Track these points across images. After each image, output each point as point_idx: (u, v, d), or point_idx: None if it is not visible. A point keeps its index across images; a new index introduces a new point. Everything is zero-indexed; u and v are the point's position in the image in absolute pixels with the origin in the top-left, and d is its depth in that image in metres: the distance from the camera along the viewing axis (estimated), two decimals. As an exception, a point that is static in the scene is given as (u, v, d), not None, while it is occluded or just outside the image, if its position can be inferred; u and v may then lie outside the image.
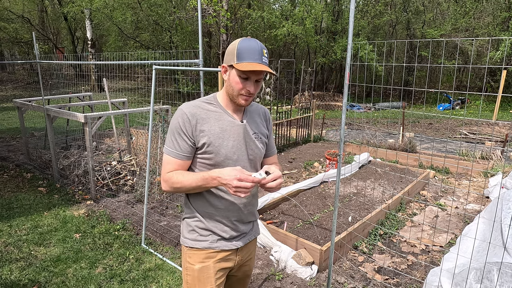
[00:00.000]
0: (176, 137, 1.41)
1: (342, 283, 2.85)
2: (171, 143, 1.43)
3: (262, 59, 1.34)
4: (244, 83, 1.37)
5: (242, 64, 1.32)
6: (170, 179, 1.40)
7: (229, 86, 1.40)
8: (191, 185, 1.36)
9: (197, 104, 1.45)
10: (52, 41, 21.93)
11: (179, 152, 1.42)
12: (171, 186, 1.41)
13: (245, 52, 1.33)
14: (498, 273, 2.13)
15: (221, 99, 1.48)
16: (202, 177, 1.34)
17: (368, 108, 12.99)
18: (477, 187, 5.04)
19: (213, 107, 1.46)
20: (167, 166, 1.44)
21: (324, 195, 4.51)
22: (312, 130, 8.05)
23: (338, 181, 2.35)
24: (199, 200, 1.51)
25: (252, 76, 1.36)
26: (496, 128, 9.60)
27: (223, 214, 1.50)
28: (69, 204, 4.32)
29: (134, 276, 2.91)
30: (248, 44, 1.34)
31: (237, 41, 1.36)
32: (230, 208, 1.50)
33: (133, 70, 13.91)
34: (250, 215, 1.60)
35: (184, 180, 1.37)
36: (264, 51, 1.35)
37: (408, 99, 15.73)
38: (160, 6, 15.96)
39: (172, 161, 1.43)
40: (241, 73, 1.35)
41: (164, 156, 1.45)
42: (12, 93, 16.49)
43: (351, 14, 1.96)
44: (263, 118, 1.62)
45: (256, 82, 1.39)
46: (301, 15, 15.57)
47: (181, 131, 1.39)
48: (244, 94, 1.39)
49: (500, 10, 15.23)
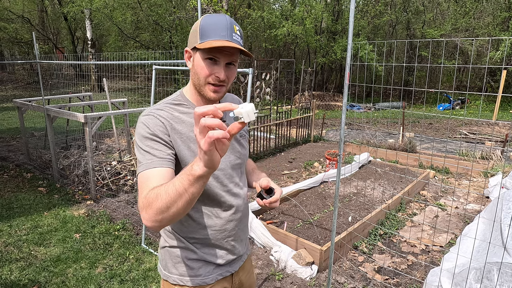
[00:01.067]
0: (150, 144, 1.04)
1: (342, 283, 2.85)
2: (144, 155, 1.02)
3: (232, 36, 1.05)
4: (211, 67, 1.07)
5: (206, 42, 1.03)
6: (147, 200, 0.90)
7: (195, 74, 1.11)
8: (169, 191, 0.86)
9: (164, 107, 1.13)
10: (52, 41, 21.93)
11: (159, 157, 1.02)
12: (151, 210, 0.88)
13: (210, 29, 1.04)
14: (498, 273, 2.13)
15: (190, 95, 1.18)
16: (183, 172, 0.86)
17: (368, 108, 12.98)
18: (477, 187, 5.04)
19: (185, 108, 1.15)
20: (146, 186, 0.96)
21: (324, 195, 4.51)
22: (312, 130, 8.05)
23: (338, 181, 2.35)
24: (185, 224, 1.19)
25: (221, 58, 1.06)
26: (496, 128, 9.60)
27: (220, 235, 1.22)
28: (69, 204, 4.32)
29: (134, 276, 2.91)
30: (214, 20, 1.05)
31: (201, 18, 1.09)
32: (227, 226, 1.23)
33: (133, 70, 13.91)
34: (246, 229, 1.36)
35: (164, 191, 0.87)
36: (235, 27, 1.07)
37: (408, 99, 15.73)
38: (160, 6, 15.96)
39: (152, 174, 0.99)
40: (206, 54, 1.05)
41: (139, 178, 1.00)
42: (12, 93, 16.49)
43: (351, 14, 1.96)
44: None
45: (228, 67, 1.09)
46: (301, 15, 15.58)
47: (154, 135, 1.05)
48: (212, 82, 1.08)
49: (500, 10, 15.23)
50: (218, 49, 1.04)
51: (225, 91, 1.13)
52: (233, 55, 1.07)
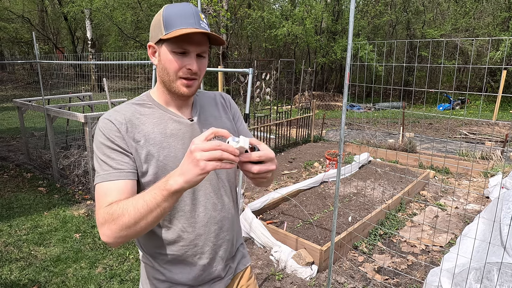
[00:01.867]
0: (107, 153, 0.94)
1: (342, 283, 2.85)
2: (102, 166, 0.94)
3: (200, 24, 0.96)
4: (181, 60, 0.97)
5: (173, 31, 0.94)
6: (110, 215, 0.85)
7: (162, 70, 1.00)
8: (138, 205, 0.81)
9: (123, 108, 1.02)
10: (52, 41, 21.94)
11: (116, 168, 0.93)
12: (115, 225, 0.83)
13: (176, 18, 0.95)
14: (498, 273, 2.13)
15: (157, 96, 1.07)
16: (156, 187, 0.82)
17: (368, 108, 12.98)
18: (477, 187, 5.04)
19: (148, 109, 1.04)
20: (104, 200, 0.90)
21: (324, 195, 4.51)
22: (312, 130, 8.05)
23: (338, 181, 2.35)
24: (148, 238, 1.06)
25: (190, 49, 0.97)
26: (496, 128, 9.60)
27: (189, 251, 1.06)
28: (69, 204, 4.32)
29: (134, 276, 2.91)
30: (178, 8, 0.97)
31: (162, 9, 1.00)
32: (198, 241, 1.06)
33: (133, 70, 13.89)
34: (229, 246, 1.15)
35: (133, 207, 0.82)
36: (201, 15, 0.98)
37: (408, 99, 15.73)
38: (160, 6, 15.96)
39: (109, 187, 0.91)
40: (174, 46, 0.96)
41: (97, 190, 0.94)
42: (12, 93, 16.49)
43: (351, 14, 1.96)
44: (222, 106, 1.19)
45: (199, 58, 1.00)
46: (301, 15, 15.58)
47: (111, 143, 0.95)
48: (184, 76, 0.98)
49: (500, 10, 15.24)
50: (187, 39, 0.95)
51: (197, 86, 1.03)
52: (203, 45, 0.99)
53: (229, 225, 1.15)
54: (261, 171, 0.83)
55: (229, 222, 1.14)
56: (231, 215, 1.15)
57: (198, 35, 0.96)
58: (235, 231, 1.20)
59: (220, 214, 1.10)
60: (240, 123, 1.22)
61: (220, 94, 1.23)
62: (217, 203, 1.10)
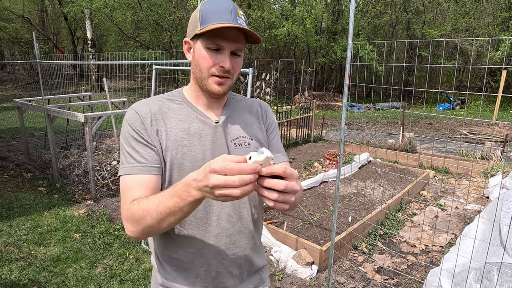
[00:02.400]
0: (133, 145, 0.94)
1: (342, 283, 2.85)
2: (127, 158, 0.94)
3: (237, 20, 0.92)
4: (214, 56, 0.94)
5: (207, 26, 0.90)
6: (132, 214, 0.86)
7: (196, 66, 0.98)
8: (160, 210, 0.81)
9: (152, 101, 1.02)
10: (52, 41, 21.94)
11: (142, 163, 0.93)
12: (135, 222, 0.86)
13: (212, 13, 0.91)
14: (498, 273, 2.13)
15: (188, 93, 1.05)
16: (172, 190, 0.80)
17: (368, 108, 12.98)
18: (477, 187, 5.04)
19: (176, 105, 1.03)
20: (127, 195, 0.91)
21: (324, 195, 4.51)
22: (312, 130, 8.05)
23: (338, 181, 2.35)
24: (161, 238, 1.04)
25: (224, 45, 0.93)
26: (496, 128, 9.59)
27: (196, 261, 1.02)
28: (69, 204, 4.32)
29: (134, 276, 2.91)
30: (215, 3, 0.93)
31: (200, 5, 0.97)
32: (205, 250, 1.01)
33: (133, 70, 13.89)
34: (240, 262, 1.07)
35: (148, 204, 0.83)
36: (239, 11, 0.94)
37: (408, 99, 15.73)
38: (160, 6, 15.97)
39: (133, 182, 0.92)
40: (208, 41, 0.93)
41: (121, 182, 0.94)
42: (12, 93, 16.49)
43: (351, 14, 1.96)
44: (258, 115, 1.13)
45: (234, 56, 0.96)
46: (301, 15, 15.57)
47: (136, 134, 0.95)
48: (216, 73, 0.95)
49: (500, 10, 15.24)
50: (221, 35, 0.91)
51: (230, 85, 0.99)
52: (238, 42, 0.94)
53: (245, 242, 1.06)
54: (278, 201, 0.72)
55: (245, 238, 1.06)
56: (248, 231, 1.06)
57: (233, 31, 0.92)
58: (253, 250, 1.10)
59: (234, 227, 1.03)
60: (273, 136, 1.15)
61: (258, 102, 1.18)
62: (233, 214, 1.03)
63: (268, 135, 1.13)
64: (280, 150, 1.14)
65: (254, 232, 1.09)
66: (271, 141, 1.13)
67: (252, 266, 1.11)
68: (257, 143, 1.07)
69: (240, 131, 1.05)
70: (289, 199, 0.72)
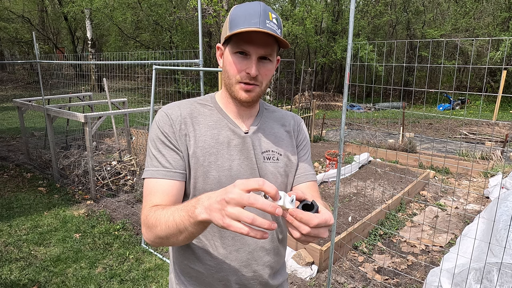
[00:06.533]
0: (159, 147, 0.93)
1: (342, 283, 2.85)
2: (152, 160, 0.93)
3: (265, 24, 0.86)
4: (241, 62, 0.90)
5: (233, 31, 0.87)
6: (147, 220, 0.86)
7: (224, 72, 0.95)
8: (169, 223, 0.78)
9: (183, 104, 1.00)
10: (52, 41, 21.95)
11: (166, 167, 0.92)
12: (148, 229, 0.85)
13: (240, 18, 0.88)
14: (498, 273, 2.13)
15: (220, 98, 1.03)
16: (184, 203, 0.79)
17: (368, 108, 12.98)
18: (477, 187, 5.04)
19: (208, 110, 1.00)
20: (149, 199, 0.90)
21: (324, 195, 4.50)
22: (312, 130, 8.05)
23: (338, 181, 2.35)
24: (180, 247, 1.02)
25: (250, 50, 0.88)
26: (496, 128, 9.60)
27: (215, 275, 0.99)
28: (69, 204, 4.32)
29: (134, 276, 2.91)
30: (245, 7, 0.89)
31: (232, 9, 0.94)
32: (224, 265, 0.98)
33: (133, 70, 13.90)
34: (263, 275, 1.03)
35: (164, 222, 0.80)
36: (271, 14, 0.88)
37: (408, 99, 15.73)
38: (160, 6, 15.97)
39: (156, 187, 0.91)
40: (234, 47, 0.89)
41: (144, 185, 0.94)
42: (12, 93, 16.49)
43: (351, 14, 1.96)
44: (290, 129, 1.08)
45: (262, 61, 0.91)
46: (301, 15, 15.58)
47: (164, 137, 0.93)
48: (242, 79, 0.91)
49: (500, 10, 15.25)
50: (247, 40, 0.87)
51: (258, 92, 0.94)
52: (267, 47, 0.89)
53: (268, 259, 1.02)
54: (309, 236, 0.68)
55: (267, 255, 1.02)
56: (271, 246, 1.02)
57: (261, 36, 0.87)
58: (275, 266, 1.06)
59: (255, 243, 0.99)
60: (304, 153, 1.09)
61: (292, 115, 1.12)
62: None
63: (298, 151, 1.08)
64: (310, 169, 1.08)
65: (278, 250, 1.06)
66: (301, 157, 1.08)
67: (274, 280, 1.08)
68: (285, 158, 1.03)
69: (269, 145, 1.01)
70: (322, 234, 0.68)
